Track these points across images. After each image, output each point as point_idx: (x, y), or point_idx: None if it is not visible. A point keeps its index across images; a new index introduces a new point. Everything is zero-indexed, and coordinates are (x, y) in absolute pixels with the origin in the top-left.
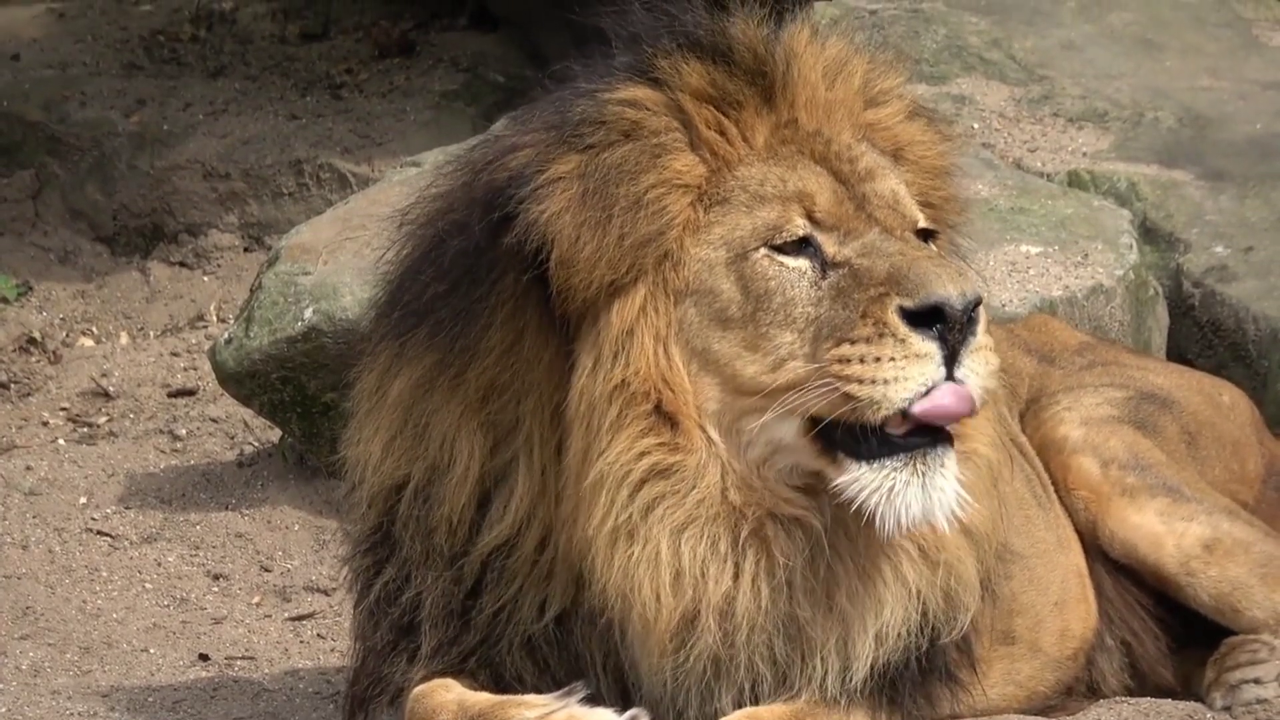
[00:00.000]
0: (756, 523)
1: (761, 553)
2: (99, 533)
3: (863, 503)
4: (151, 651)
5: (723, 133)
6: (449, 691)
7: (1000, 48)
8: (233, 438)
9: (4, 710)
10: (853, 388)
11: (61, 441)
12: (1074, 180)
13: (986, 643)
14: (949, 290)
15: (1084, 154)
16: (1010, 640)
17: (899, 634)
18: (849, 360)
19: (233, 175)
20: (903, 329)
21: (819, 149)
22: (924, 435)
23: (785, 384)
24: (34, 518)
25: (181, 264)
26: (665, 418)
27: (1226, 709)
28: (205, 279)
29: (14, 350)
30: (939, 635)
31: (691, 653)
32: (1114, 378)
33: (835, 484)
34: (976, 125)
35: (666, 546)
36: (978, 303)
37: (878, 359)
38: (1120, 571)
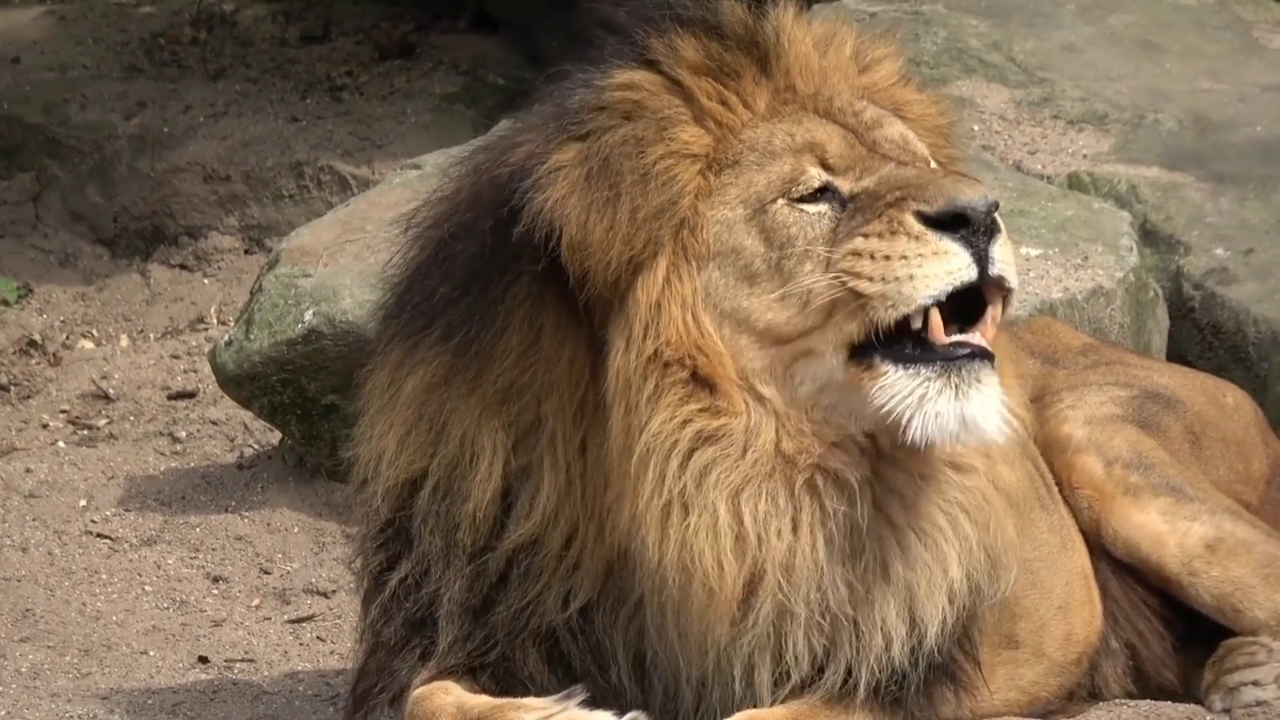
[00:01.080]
0: (809, 471)
1: (815, 503)
2: (99, 535)
3: (894, 410)
4: (151, 654)
5: (724, 102)
6: (448, 694)
7: (1000, 50)
8: (233, 440)
9: (4, 712)
10: (862, 284)
11: (61, 444)
12: (1074, 182)
13: (989, 647)
14: (970, 194)
15: (1084, 156)
16: (1014, 645)
17: (964, 591)
18: (860, 254)
19: (233, 177)
20: (917, 227)
21: (822, 105)
22: (965, 347)
23: (819, 312)
24: (34, 520)
25: (182, 266)
26: (702, 382)
27: (1226, 711)
28: (205, 281)
29: (14, 352)
30: (983, 598)
31: (759, 614)
32: (1118, 377)
33: (870, 394)
34: (977, 127)
35: (726, 511)
36: (996, 205)
37: (888, 256)
38: (1125, 571)
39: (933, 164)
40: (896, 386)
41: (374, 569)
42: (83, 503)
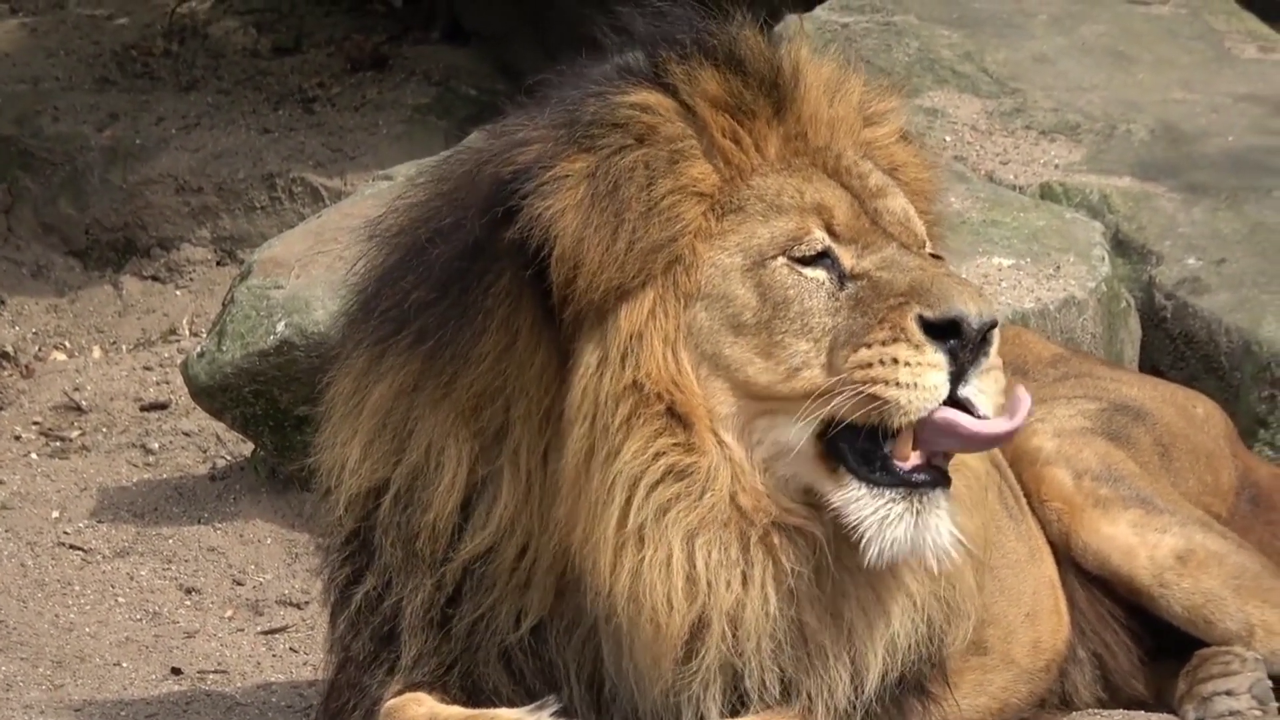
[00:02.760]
0: (764, 529)
1: (769, 559)
2: (71, 547)
3: (855, 524)
4: (124, 665)
5: (737, 141)
6: (420, 706)
7: (972, 61)
8: (205, 451)
9: None
10: (879, 389)
11: (34, 455)
12: (1046, 193)
13: (957, 654)
14: (969, 307)
15: (1056, 166)
16: (982, 651)
17: (908, 644)
18: (869, 365)
19: (205, 189)
20: (919, 335)
21: (830, 163)
22: (927, 472)
23: (801, 391)
24: (6, 532)
25: (154, 278)
26: (678, 419)
27: None
28: (177, 293)
29: None
30: (944, 642)
31: (702, 661)
32: (1087, 389)
33: (832, 499)
34: (949, 138)
35: (679, 551)
36: (993, 325)
37: (894, 360)
38: (1092, 583)
39: (928, 245)
40: (860, 505)
41: (339, 581)
42: (55, 514)
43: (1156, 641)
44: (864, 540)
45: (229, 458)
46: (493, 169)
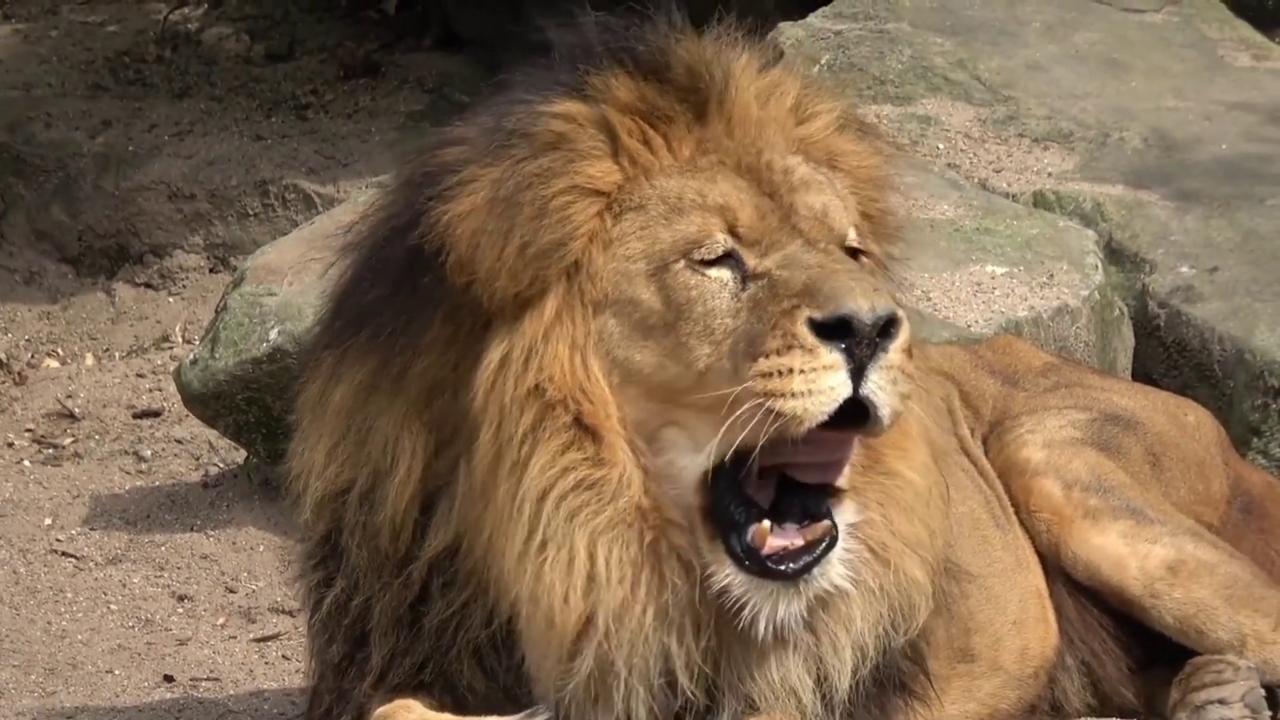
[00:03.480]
0: (656, 533)
1: (656, 568)
2: (64, 554)
3: (742, 606)
4: (116, 673)
5: (646, 142)
6: (410, 712)
7: (965, 68)
8: (198, 459)
9: None
10: (776, 402)
11: (26, 463)
12: (1039, 201)
13: (944, 660)
14: (859, 303)
15: (1049, 174)
16: (969, 658)
17: (877, 636)
18: (769, 375)
19: (198, 196)
20: (810, 339)
21: (748, 160)
22: (795, 558)
23: (710, 400)
24: None
25: (147, 285)
26: (586, 430)
27: None
28: (170, 300)
29: None
30: (903, 630)
31: (584, 662)
32: (1078, 399)
33: (715, 575)
34: (942, 146)
35: (583, 550)
36: (890, 319)
37: (789, 369)
38: (1081, 593)
39: (850, 237)
40: (746, 591)
41: (312, 586)
42: (48, 521)
43: (1147, 650)
44: (754, 621)
45: (222, 465)
46: (420, 163)
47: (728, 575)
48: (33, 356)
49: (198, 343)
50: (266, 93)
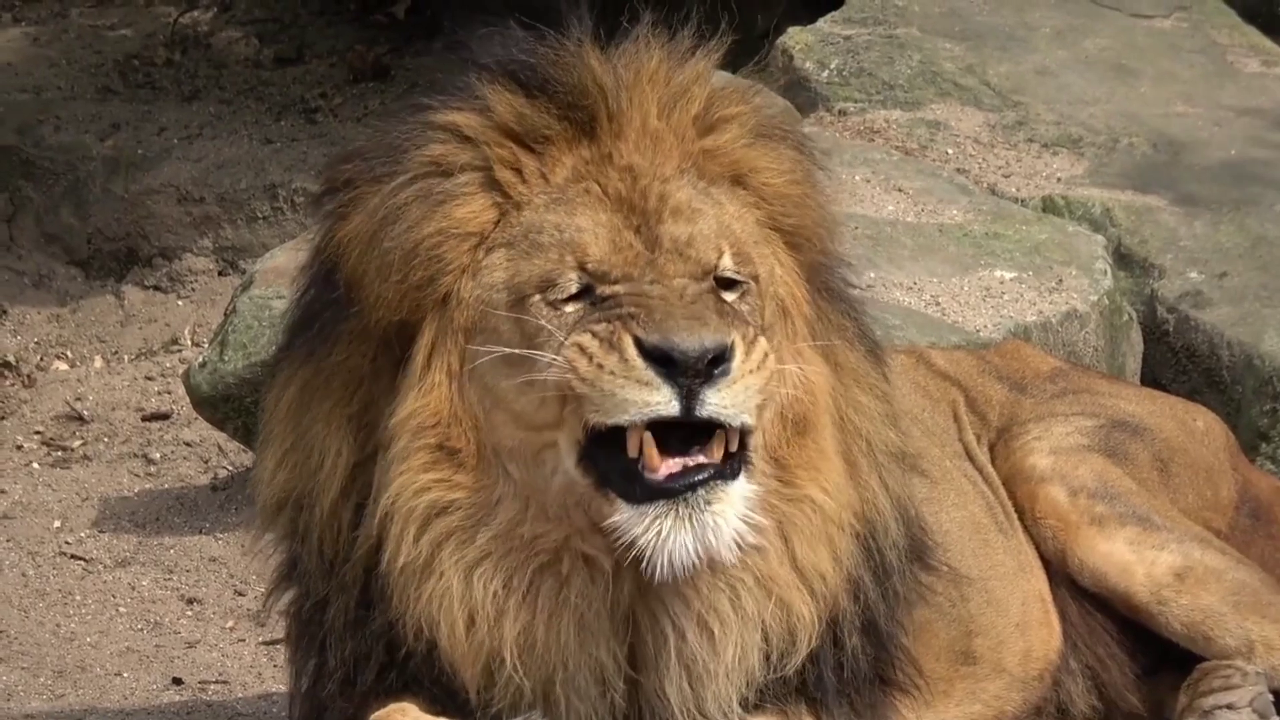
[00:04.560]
0: (550, 555)
1: (556, 588)
2: (73, 556)
3: (633, 545)
4: (125, 675)
5: (519, 170)
6: (405, 716)
7: (975, 74)
8: (207, 461)
9: None
10: (576, 381)
11: (35, 465)
12: (1048, 206)
13: (946, 662)
14: (685, 341)
15: (1058, 180)
16: (972, 660)
17: (749, 667)
18: (584, 351)
19: (207, 199)
20: (631, 350)
21: (621, 187)
22: (687, 475)
23: (554, 404)
24: (7, 542)
25: (156, 288)
26: (449, 453)
27: None
28: (179, 303)
29: None
30: (784, 663)
31: (508, 689)
32: (1085, 406)
33: (608, 524)
34: (951, 151)
35: (459, 583)
36: (720, 351)
37: (600, 365)
38: (1086, 598)
39: (724, 267)
40: (632, 524)
41: (276, 593)
42: (57, 524)
43: (1154, 656)
44: (646, 560)
45: (231, 468)
46: (324, 179)
47: (617, 516)
48: (42, 359)
49: (207, 346)
50: (276, 96)
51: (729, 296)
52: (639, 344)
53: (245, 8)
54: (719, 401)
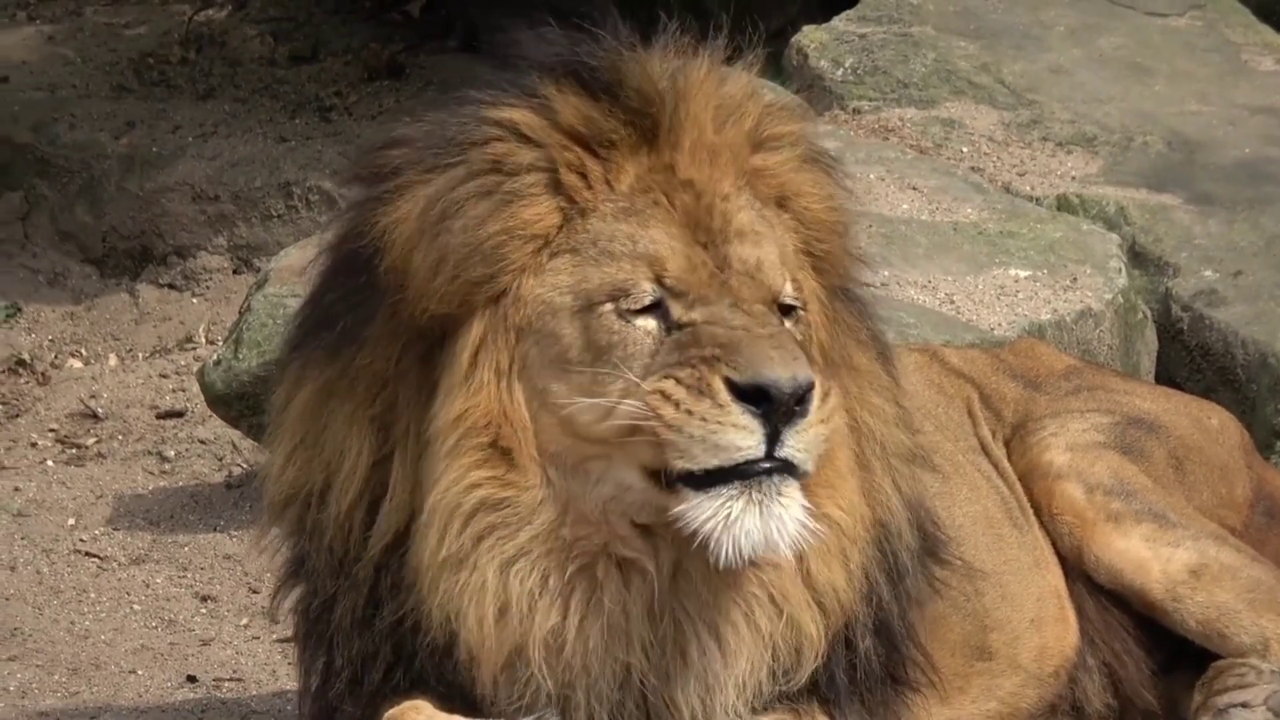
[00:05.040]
0: (588, 558)
1: (591, 592)
2: (87, 554)
3: (701, 531)
4: (139, 673)
5: (584, 175)
6: (419, 714)
7: (989, 72)
8: (221, 459)
9: None
10: (661, 429)
11: (50, 463)
12: (1063, 204)
13: (962, 657)
14: (778, 373)
15: (1073, 178)
16: (987, 656)
17: (757, 681)
18: (669, 397)
19: (222, 197)
20: (724, 395)
21: (685, 200)
22: (764, 462)
23: (619, 426)
24: (22, 539)
25: (170, 286)
26: (501, 451)
27: None
28: (194, 301)
29: (3, 372)
30: (789, 679)
31: (527, 687)
32: (1100, 403)
33: (674, 514)
34: (965, 149)
35: (494, 577)
36: (809, 387)
37: (689, 412)
38: (1102, 594)
39: (785, 294)
40: (701, 508)
41: (284, 589)
42: (71, 521)
43: (1170, 654)
44: (712, 544)
45: (245, 466)
46: (367, 162)
47: (684, 505)
48: (56, 357)
49: (221, 344)
50: (290, 94)
51: (787, 324)
52: (731, 385)
53: (260, 6)
54: (795, 444)
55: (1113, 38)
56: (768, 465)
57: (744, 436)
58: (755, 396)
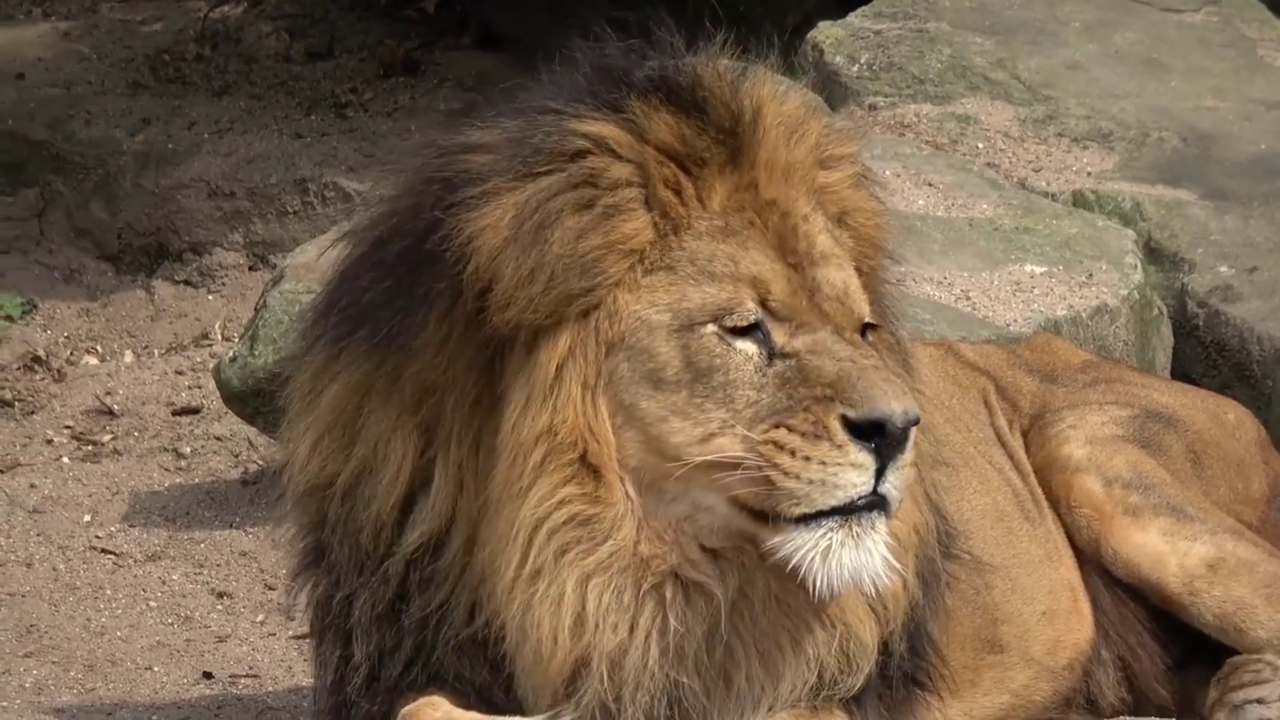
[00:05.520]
0: (659, 577)
1: (659, 611)
2: (103, 551)
3: (798, 563)
4: (155, 669)
5: (679, 192)
6: (436, 710)
7: (1005, 68)
8: (237, 456)
9: None
10: (776, 475)
11: (66, 459)
12: (1078, 200)
13: (973, 650)
14: (893, 407)
15: (1088, 174)
16: (999, 649)
17: (796, 696)
18: (782, 448)
19: (237, 194)
20: (841, 435)
21: (774, 221)
22: (865, 497)
23: (713, 460)
24: (38, 536)
25: (186, 282)
26: (589, 468)
27: None
28: (210, 297)
29: (18, 368)
30: (836, 688)
31: (581, 700)
32: (1119, 396)
33: (769, 544)
34: (981, 145)
35: (572, 590)
36: (916, 421)
37: (807, 458)
38: (1118, 588)
39: (867, 315)
40: (800, 540)
41: (299, 581)
42: (87, 518)
43: (1186, 650)
44: (811, 576)
45: (261, 462)
46: (441, 165)
47: (780, 536)
48: (72, 354)
49: (237, 340)
50: (306, 91)
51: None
52: (846, 422)
53: (275, 2)
54: (893, 481)
55: (1128, 33)
56: (866, 501)
57: (859, 474)
58: (870, 432)
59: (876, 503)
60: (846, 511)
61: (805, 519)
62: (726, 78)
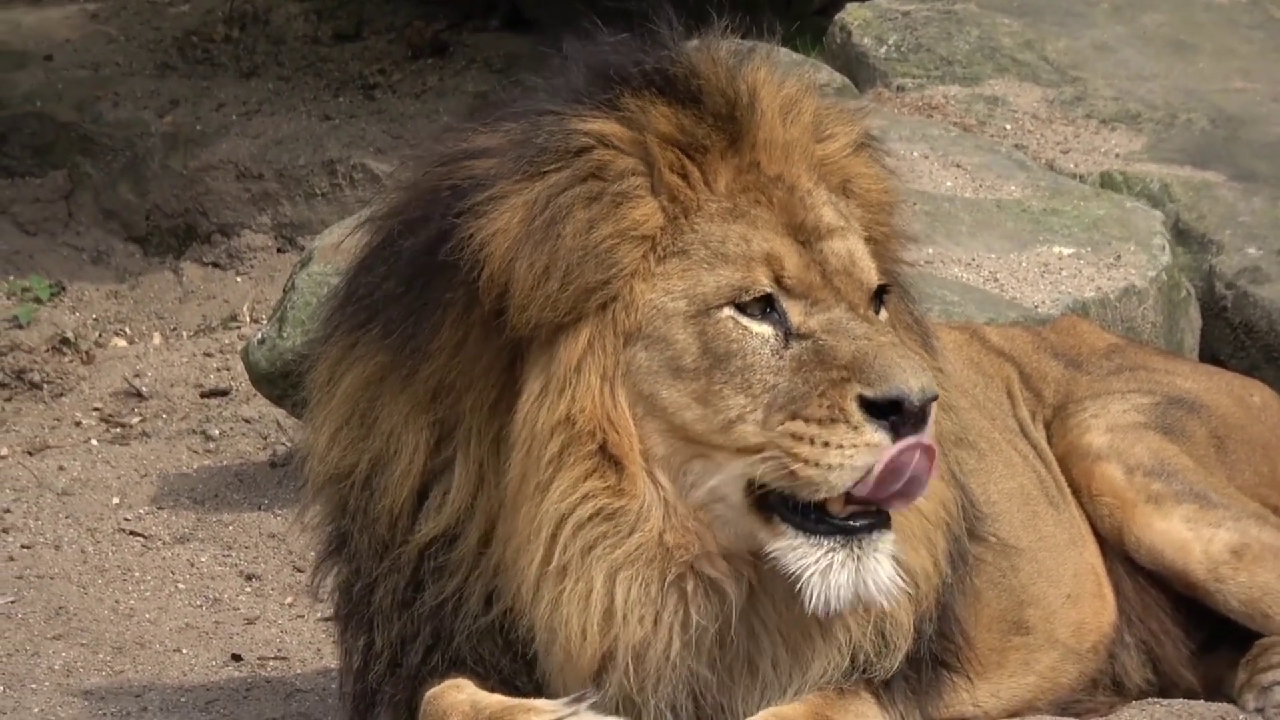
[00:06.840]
0: (681, 568)
1: (680, 604)
2: (132, 533)
3: (796, 575)
4: (184, 651)
5: (685, 176)
6: (460, 692)
7: (1033, 49)
8: (265, 438)
9: (37, 710)
10: (798, 466)
11: (94, 442)
12: (1106, 181)
13: (998, 632)
14: (910, 385)
15: (1116, 155)
16: (1024, 630)
17: (826, 679)
18: (800, 438)
19: (266, 175)
20: (858, 416)
21: (780, 196)
22: (864, 517)
23: (734, 444)
24: (67, 518)
25: (214, 264)
26: (610, 460)
27: (1259, 710)
28: (238, 279)
29: (47, 350)
30: (873, 668)
31: (606, 692)
32: (1141, 383)
33: (770, 550)
34: (1009, 126)
35: (601, 585)
36: (934, 398)
37: (826, 443)
38: (1140, 574)
39: (875, 280)
40: (801, 553)
41: (322, 567)
42: (115, 500)
43: (1211, 634)
44: (806, 591)
45: (289, 444)
46: (446, 173)
47: (781, 544)
48: (100, 336)
49: (265, 322)
50: (334, 72)
51: (883, 312)
52: (864, 402)
53: None
54: None
55: (1156, 14)
56: (868, 521)
57: (871, 454)
58: (887, 410)
59: (881, 522)
60: (847, 532)
61: (805, 527)
62: (723, 64)
